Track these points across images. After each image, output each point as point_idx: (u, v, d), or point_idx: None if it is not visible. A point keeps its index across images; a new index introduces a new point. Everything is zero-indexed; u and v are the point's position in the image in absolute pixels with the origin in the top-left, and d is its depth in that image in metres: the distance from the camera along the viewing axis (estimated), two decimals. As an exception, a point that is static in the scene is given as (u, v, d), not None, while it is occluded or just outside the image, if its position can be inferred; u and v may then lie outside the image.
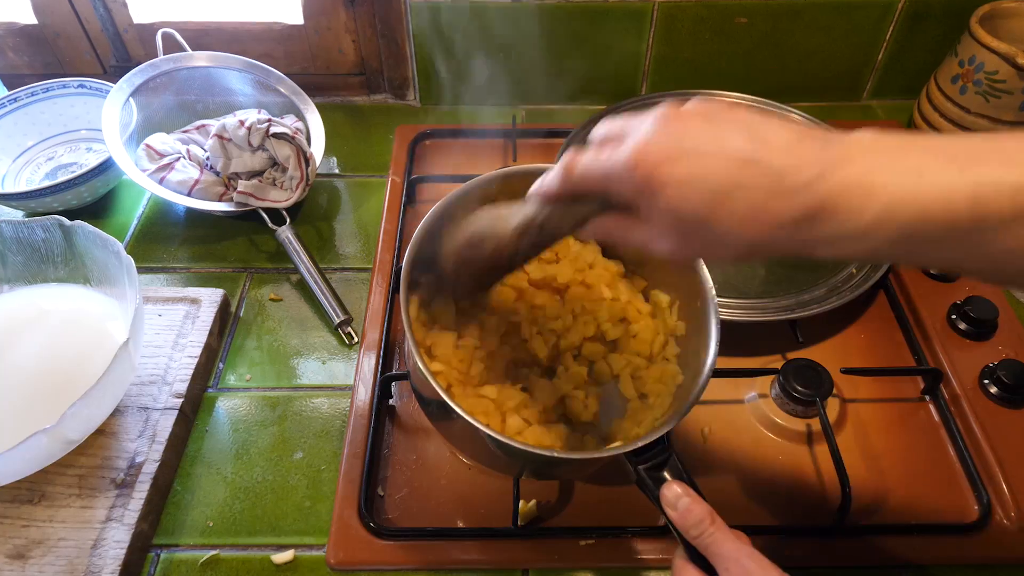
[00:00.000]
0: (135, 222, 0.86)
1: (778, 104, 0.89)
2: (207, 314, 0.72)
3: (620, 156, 0.40)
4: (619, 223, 0.44)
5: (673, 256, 0.43)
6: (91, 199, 0.85)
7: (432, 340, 0.56)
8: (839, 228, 0.36)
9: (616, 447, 0.47)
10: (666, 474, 0.46)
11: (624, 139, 0.40)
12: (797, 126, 0.38)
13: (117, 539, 0.57)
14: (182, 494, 0.63)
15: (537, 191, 0.46)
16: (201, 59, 0.90)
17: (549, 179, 0.45)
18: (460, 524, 0.60)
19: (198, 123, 0.90)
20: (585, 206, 0.44)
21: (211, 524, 0.61)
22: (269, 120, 0.82)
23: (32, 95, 0.90)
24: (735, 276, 0.72)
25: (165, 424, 0.64)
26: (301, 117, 0.90)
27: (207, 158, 0.84)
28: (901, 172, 0.35)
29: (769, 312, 0.70)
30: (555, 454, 0.50)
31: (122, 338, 0.58)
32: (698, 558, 0.43)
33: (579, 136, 0.87)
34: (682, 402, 0.51)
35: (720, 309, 0.68)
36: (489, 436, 0.47)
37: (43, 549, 0.56)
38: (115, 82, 0.85)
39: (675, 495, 0.44)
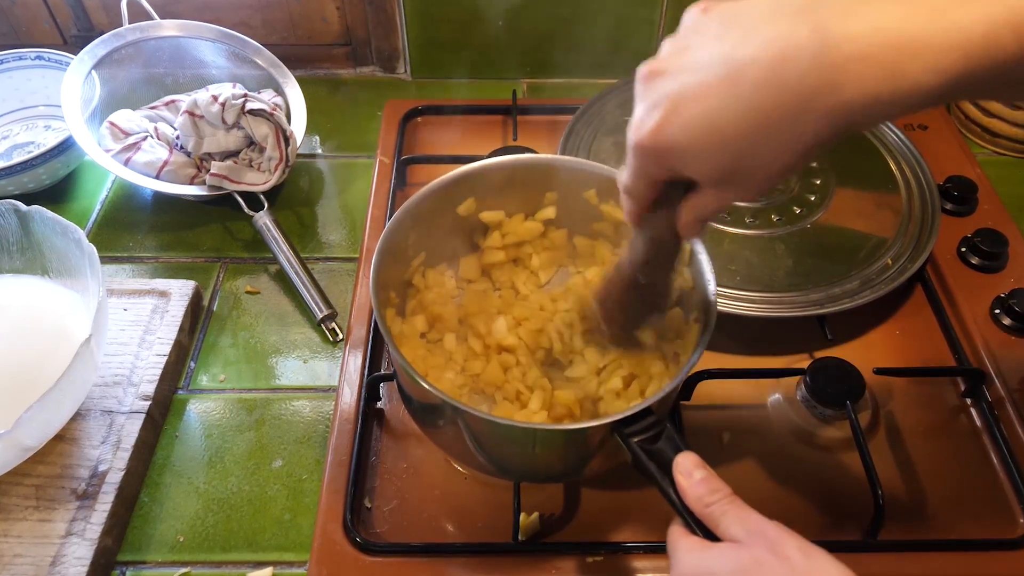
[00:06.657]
0: (98, 207, 0.86)
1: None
2: (177, 308, 0.72)
3: (630, 141, 0.41)
4: (696, 199, 0.43)
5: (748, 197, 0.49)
6: (50, 182, 0.85)
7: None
8: (880, 99, 0.34)
9: (603, 419, 0.48)
10: (663, 447, 0.47)
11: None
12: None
13: (78, 555, 0.56)
14: (150, 506, 0.62)
15: (625, 215, 0.48)
16: (170, 28, 0.89)
17: (624, 204, 0.47)
18: (455, 539, 0.59)
19: (167, 99, 0.89)
20: (662, 208, 0.45)
21: (182, 539, 0.60)
22: (245, 95, 0.81)
23: (-16, 67, 0.90)
24: (759, 268, 0.72)
25: (131, 429, 0.63)
26: (280, 92, 0.89)
27: (177, 137, 0.84)
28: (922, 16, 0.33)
29: (796, 307, 0.69)
30: (534, 426, 0.52)
31: (84, 335, 0.58)
32: (699, 530, 0.43)
33: (586, 114, 0.86)
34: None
35: (742, 304, 0.69)
36: (459, 409, 0.48)
37: (-3, 566, 0.56)
38: (76, 53, 0.85)
39: (693, 463, 0.44)
